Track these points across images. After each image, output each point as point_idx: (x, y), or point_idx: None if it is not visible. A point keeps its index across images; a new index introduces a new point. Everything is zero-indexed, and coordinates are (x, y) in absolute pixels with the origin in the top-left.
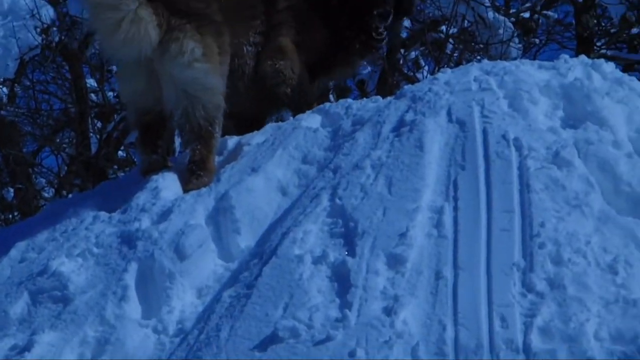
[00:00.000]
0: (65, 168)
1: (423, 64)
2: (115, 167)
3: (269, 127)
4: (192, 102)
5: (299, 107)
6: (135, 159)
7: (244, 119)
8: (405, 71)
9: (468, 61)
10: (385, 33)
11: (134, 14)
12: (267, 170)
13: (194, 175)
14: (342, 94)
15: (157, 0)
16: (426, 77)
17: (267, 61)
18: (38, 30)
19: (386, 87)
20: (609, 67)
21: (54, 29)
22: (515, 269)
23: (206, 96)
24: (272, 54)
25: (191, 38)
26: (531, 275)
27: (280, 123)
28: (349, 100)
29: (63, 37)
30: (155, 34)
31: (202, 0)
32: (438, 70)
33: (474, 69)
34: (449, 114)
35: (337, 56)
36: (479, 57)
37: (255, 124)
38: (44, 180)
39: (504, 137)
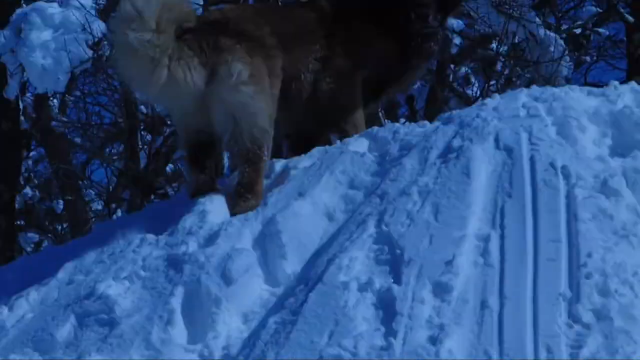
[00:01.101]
0: (114, 181)
1: (473, 80)
2: (164, 181)
3: (316, 151)
4: (240, 126)
5: (345, 130)
6: (183, 174)
7: (303, 143)
8: (455, 87)
9: (518, 78)
10: (436, 23)
11: (168, 63)
12: (313, 194)
13: (242, 198)
14: (391, 109)
15: (205, 25)
16: (476, 93)
17: (322, 81)
18: (89, 43)
19: (436, 103)
20: None
21: (105, 42)
22: (561, 299)
23: (253, 120)
24: (328, 74)
25: (239, 60)
26: (577, 306)
27: (327, 147)
28: (397, 124)
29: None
30: (197, 77)
31: (253, 23)
32: (488, 87)
33: (523, 95)
34: (496, 140)
35: (400, 64)
36: (529, 75)
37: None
38: (93, 193)
39: (551, 165)
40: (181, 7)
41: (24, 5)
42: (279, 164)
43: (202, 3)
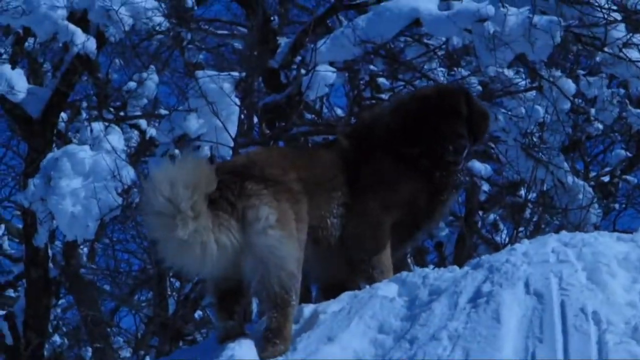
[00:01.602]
0: (143, 328)
1: (501, 226)
2: (192, 327)
3: (346, 296)
4: (268, 270)
5: (372, 276)
6: (211, 320)
7: (334, 288)
8: (484, 233)
9: (547, 225)
10: (461, 159)
11: (214, 237)
12: (343, 339)
13: (270, 343)
14: (420, 255)
15: (232, 171)
16: (505, 239)
17: (349, 226)
18: (119, 191)
19: (464, 249)
20: None
21: (135, 189)
22: None
23: (280, 264)
24: (357, 219)
25: (267, 204)
26: None
27: (356, 291)
28: (426, 269)
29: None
30: (237, 234)
31: (279, 167)
32: (517, 234)
33: (552, 240)
34: (526, 285)
35: (431, 201)
36: (558, 222)
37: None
38: (121, 340)
39: (582, 310)
40: (207, 177)
41: (55, 149)
42: (308, 309)
43: (231, 146)
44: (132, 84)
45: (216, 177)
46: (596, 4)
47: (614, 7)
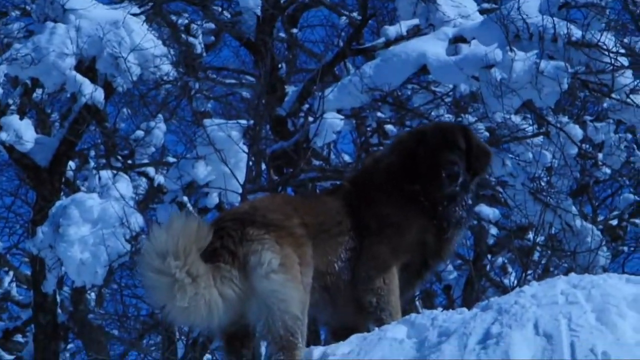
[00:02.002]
0: None
1: (510, 269)
2: None
3: (355, 338)
4: (272, 314)
5: (381, 319)
6: None
7: (344, 331)
8: (492, 277)
9: (556, 268)
10: (456, 185)
11: (219, 290)
12: None
13: None
14: (428, 298)
15: (234, 218)
16: (513, 282)
17: (361, 269)
18: (127, 237)
19: (473, 292)
20: None
21: (143, 236)
22: None
23: (284, 307)
24: (366, 262)
25: (269, 249)
26: None
27: (365, 334)
28: (435, 311)
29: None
30: (241, 282)
31: (281, 212)
32: (525, 277)
33: (561, 282)
34: (535, 327)
35: (434, 241)
36: (566, 265)
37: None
38: None
39: (592, 351)
40: (197, 236)
41: (64, 197)
42: (317, 351)
43: (240, 192)
44: (139, 133)
45: (210, 229)
46: (604, 48)
47: (622, 51)
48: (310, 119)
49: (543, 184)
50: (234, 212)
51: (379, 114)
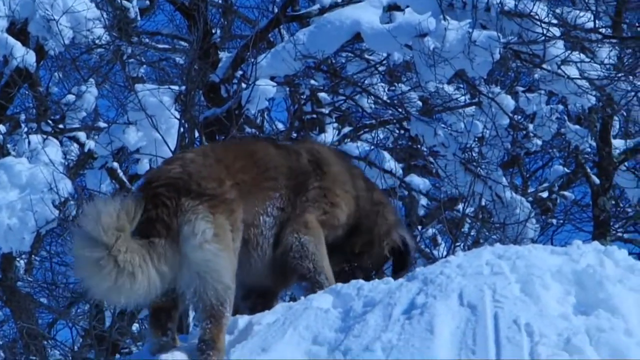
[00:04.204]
0: (80, 341)
1: (440, 241)
2: (129, 341)
3: (280, 307)
4: (203, 283)
5: (319, 283)
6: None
7: (255, 290)
8: (423, 248)
9: (485, 240)
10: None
11: (116, 264)
12: (277, 350)
13: (204, 354)
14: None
15: (167, 182)
16: (443, 254)
17: (293, 234)
18: (55, 203)
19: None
20: (622, 254)
21: (72, 202)
22: None
23: (216, 277)
24: (298, 228)
25: (203, 219)
26: None
27: (291, 303)
28: (360, 281)
29: (80, 211)
30: (173, 255)
31: (214, 178)
32: (455, 249)
33: (487, 253)
34: (460, 297)
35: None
36: (495, 237)
37: (267, 296)
38: (58, 353)
39: (515, 322)
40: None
41: None
42: (243, 320)
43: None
44: (71, 97)
45: (138, 206)
46: (537, 18)
47: (554, 22)
48: (244, 85)
49: (474, 154)
50: (167, 175)
51: (312, 81)
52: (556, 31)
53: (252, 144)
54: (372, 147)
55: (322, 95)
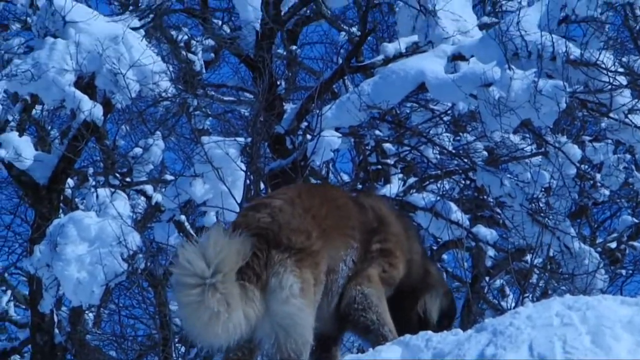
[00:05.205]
0: None
1: (508, 292)
2: None
3: (348, 359)
4: (285, 335)
5: (383, 335)
6: None
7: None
8: (490, 299)
9: (554, 291)
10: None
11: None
12: None
13: None
14: None
15: (259, 236)
16: (511, 305)
17: (356, 287)
18: (124, 257)
19: (470, 315)
20: None
21: (140, 255)
22: None
23: (299, 331)
24: (361, 281)
25: (291, 273)
26: None
27: (359, 355)
28: (429, 332)
29: (148, 264)
30: (261, 303)
31: (302, 230)
32: (523, 299)
33: (556, 304)
34: (530, 349)
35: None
36: (564, 287)
37: (330, 341)
38: None
39: None
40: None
41: (62, 215)
42: None
43: (237, 211)
44: (138, 150)
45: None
46: (603, 66)
47: (620, 70)
48: (309, 137)
49: (541, 204)
50: (257, 225)
51: (377, 132)
52: (623, 80)
53: (334, 190)
54: (438, 197)
55: (387, 145)
